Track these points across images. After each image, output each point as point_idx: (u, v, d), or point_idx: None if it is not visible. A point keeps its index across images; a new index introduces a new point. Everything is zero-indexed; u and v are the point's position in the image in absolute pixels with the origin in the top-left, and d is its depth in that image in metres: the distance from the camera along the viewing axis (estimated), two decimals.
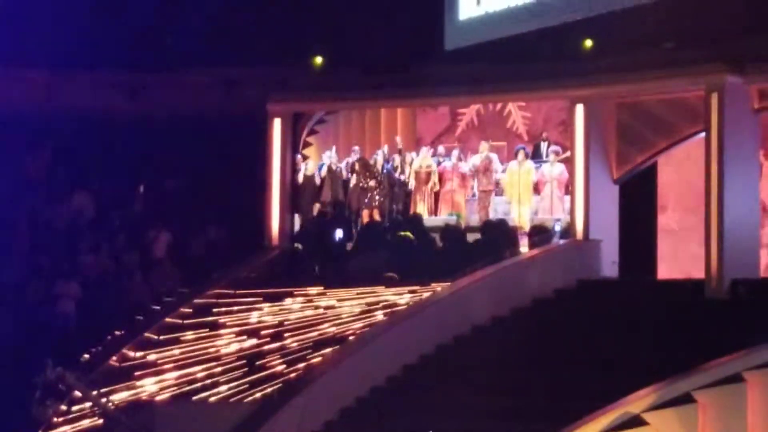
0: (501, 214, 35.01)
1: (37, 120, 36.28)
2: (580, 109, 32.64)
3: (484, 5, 33.48)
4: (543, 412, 26.50)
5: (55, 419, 30.27)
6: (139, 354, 32.05)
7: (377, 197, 35.18)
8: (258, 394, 29.99)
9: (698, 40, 30.78)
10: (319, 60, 35.08)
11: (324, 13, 34.49)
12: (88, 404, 29.76)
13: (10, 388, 30.05)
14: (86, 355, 31.93)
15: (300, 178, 35.82)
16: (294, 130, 35.41)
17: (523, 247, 33.42)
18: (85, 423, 30.14)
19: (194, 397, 30.49)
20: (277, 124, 35.11)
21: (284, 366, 30.67)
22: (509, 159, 35.70)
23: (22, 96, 36.48)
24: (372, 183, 35.27)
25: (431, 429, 26.16)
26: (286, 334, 31.65)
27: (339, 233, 34.73)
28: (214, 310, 33.05)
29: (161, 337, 32.45)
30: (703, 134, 30.98)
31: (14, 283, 34.60)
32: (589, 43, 32.26)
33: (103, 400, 29.27)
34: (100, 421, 29.45)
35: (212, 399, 30.38)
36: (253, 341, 31.65)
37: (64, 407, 30.33)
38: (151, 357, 31.88)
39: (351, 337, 30.79)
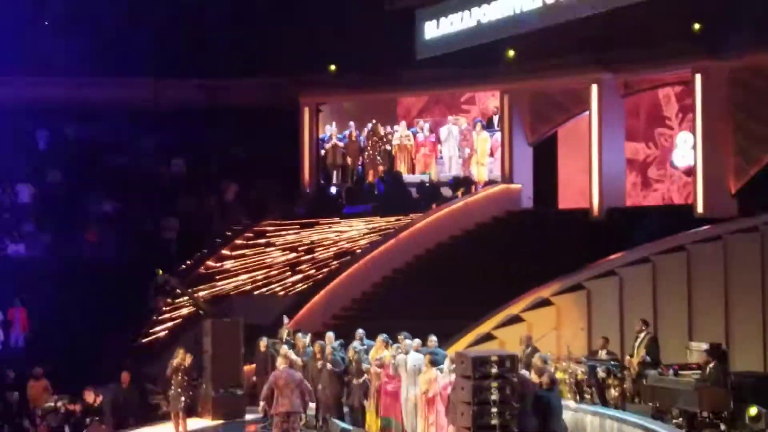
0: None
1: (145, 113, 36.25)
2: (506, 98, 32.57)
3: (442, 29, 33.37)
4: (485, 297, 26.71)
5: (164, 309, 30.66)
6: (218, 264, 32.31)
7: (378, 158, 34.76)
8: (297, 290, 30.31)
9: (583, 48, 30.68)
10: (333, 67, 35.03)
11: (336, 37, 34.35)
12: (185, 298, 30.03)
13: (134, 289, 30.36)
14: (183, 266, 32.25)
15: None
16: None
17: None
18: (184, 311, 30.43)
19: (255, 293, 30.68)
20: (306, 111, 34.97)
21: (314, 270, 30.91)
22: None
23: (133, 96, 36.28)
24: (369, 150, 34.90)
25: (412, 313, 26.27)
26: (315, 249, 31.78)
27: (333, 189, 34.68)
28: (268, 234, 33.20)
29: (233, 252, 32.70)
30: (586, 112, 31.07)
31: (129, 216, 34.58)
32: (511, 53, 32.07)
33: (196, 295, 29.47)
34: (194, 309, 29.73)
35: (267, 293, 30.59)
36: (293, 254, 31.84)
37: (170, 301, 30.64)
38: (227, 266, 32.13)
39: (358, 251, 30.90)
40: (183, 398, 20.94)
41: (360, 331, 22.31)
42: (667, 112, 32.70)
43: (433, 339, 20.68)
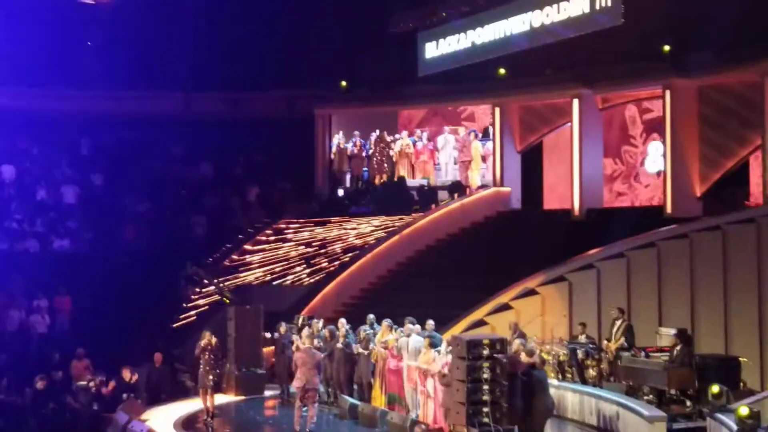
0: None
1: (176, 122, 36.20)
2: (497, 111, 32.50)
3: (441, 50, 33.41)
4: (478, 288, 26.71)
5: (193, 296, 30.63)
6: (241, 257, 32.22)
7: (385, 165, 34.66)
8: (311, 280, 30.24)
9: (565, 67, 30.64)
10: (343, 83, 35.03)
11: (347, 56, 34.38)
12: (211, 288, 30.00)
13: (166, 279, 30.35)
14: (210, 259, 32.19)
15: None
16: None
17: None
18: (210, 299, 30.29)
19: (274, 283, 30.63)
20: (320, 122, 35.01)
21: (326, 263, 30.86)
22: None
23: (166, 107, 36.17)
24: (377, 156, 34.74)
25: (414, 301, 26.22)
26: (327, 245, 31.70)
27: (340, 192, 34.66)
28: (285, 231, 33.14)
29: (254, 247, 32.65)
30: (569, 124, 31.00)
31: (162, 214, 34.44)
32: (502, 70, 32.05)
33: (221, 285, 29.45)
34: (218, 297, 29.70)
35: (284, 283, 30.53)
36: (308, 249, 31.77)
37: (198, 289, 30.63)
38: (248, 259, 32.09)
39: (365, 246, 30.77)
40: (211, 376, 20.94)
41: (371, 316, 22.32)
42: (633, 131, 32.64)
43: (430, 323, 20.75)
